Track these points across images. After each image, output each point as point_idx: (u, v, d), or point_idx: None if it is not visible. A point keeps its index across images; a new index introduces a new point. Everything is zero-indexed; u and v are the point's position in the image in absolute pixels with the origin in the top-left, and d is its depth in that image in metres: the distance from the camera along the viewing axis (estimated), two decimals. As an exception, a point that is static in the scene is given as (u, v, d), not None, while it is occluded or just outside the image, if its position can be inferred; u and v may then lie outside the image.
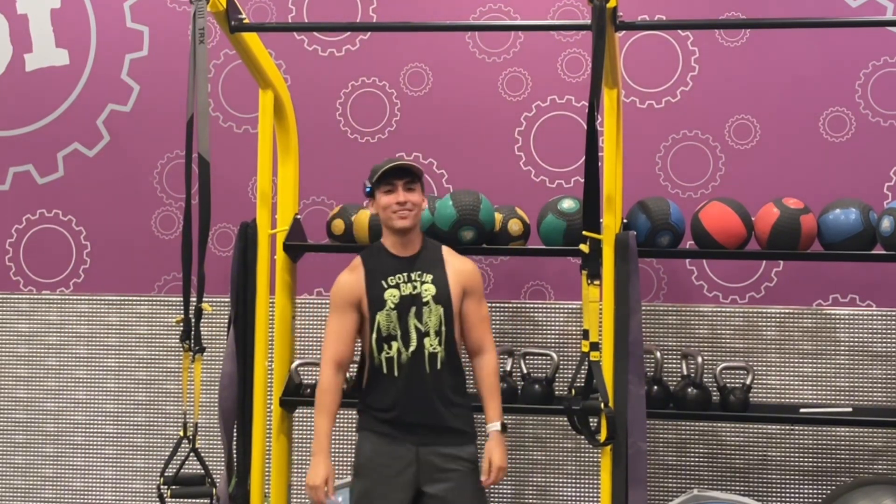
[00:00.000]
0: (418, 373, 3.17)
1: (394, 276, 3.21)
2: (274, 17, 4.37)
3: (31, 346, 4.46)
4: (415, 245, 3.24)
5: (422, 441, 3.16)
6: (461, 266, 3.25)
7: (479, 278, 3.28)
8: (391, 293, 3.19)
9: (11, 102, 4.53)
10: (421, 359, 3.16)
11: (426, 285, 3.19)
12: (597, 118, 2.98)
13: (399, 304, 3.18)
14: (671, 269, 4.12)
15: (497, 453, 3.17)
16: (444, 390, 3.17)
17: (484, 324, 3.26)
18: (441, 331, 3.18)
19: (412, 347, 3.16)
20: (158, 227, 4.43)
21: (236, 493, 3.51)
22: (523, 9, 4.22)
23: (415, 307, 3.18)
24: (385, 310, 3.18)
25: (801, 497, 4.00)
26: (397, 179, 3.19)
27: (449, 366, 3.19)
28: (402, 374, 3.17)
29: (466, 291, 3.22)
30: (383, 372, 3.18)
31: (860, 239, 3.45)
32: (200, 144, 3.29)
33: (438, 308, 3.18)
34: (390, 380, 3.18)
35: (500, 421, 3.20)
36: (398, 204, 3.18)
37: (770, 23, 4.03)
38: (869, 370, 3.97)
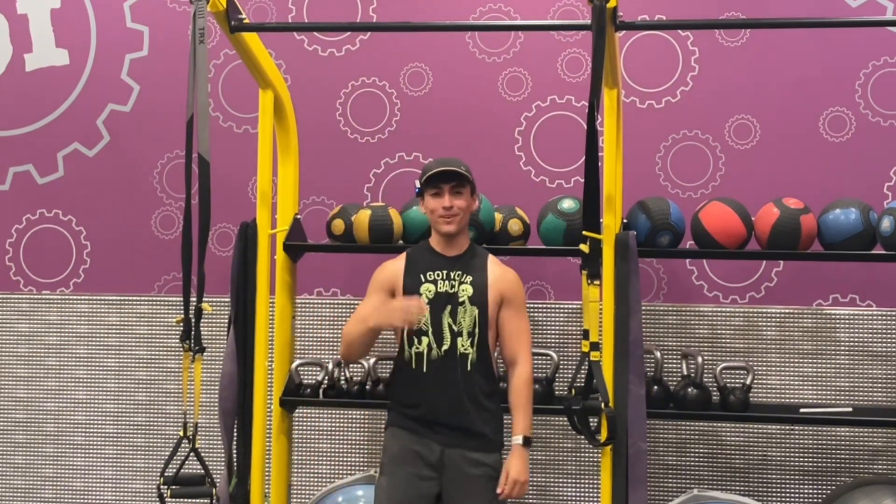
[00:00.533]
0: (449, 372, 3.14)
1: (433, 272, 3.20)
2: (274, 17, 4.37)
3: (31, 346, 4.46)
4: (461, 247, 3.24)
5: (448, 442, 3.14)
6: (503, 274, 3.22)
7: (520, 289, 3.24)
8: (427, 287, 3.18)
9: (11, 102, 4.53)
10: (453, 358, 3.15)
11: (464, 286, 3.18)
12: (597, 118, 2.98)
13: (433, 300, 3.17)
14: (671, 269, 4.12)
15: (515, 466, 3.11)
16: (475, 393, 3.15)
17: (521, 335, 3.20)
18: (474, 332, 3.15)
19: (445, 346, 3.14)
20: (158, 227, 4.43)
21: (236, 493, 3.51)
22: (523, 9, 4.22)
23: (450, 305, 3.16)
24: None
25: (801, 497, 4.00)
26: (444, 183, 3.17)
27: (481, 369, 3.16)
28: (432, 371, 3.15)
29: (505, 299, 3.19)
30: (412, 367, 3.17)
31: (860, 239, 3.46)
32: (200, 144, 3.29)
33: (474, 309, 3.16)
34: (418, 376, 3.16)
35: (523, 434, 3.13)
36: (444, 209, 3.17)
37: (770, 23, 4.03)
38: (869, 370, 3.97)
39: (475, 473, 3.11)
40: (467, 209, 3.20)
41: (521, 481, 3.10)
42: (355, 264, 4.22)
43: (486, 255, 3.28)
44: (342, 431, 4.26)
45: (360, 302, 4.20)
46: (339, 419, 4.27)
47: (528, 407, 3.17)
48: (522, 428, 3.14)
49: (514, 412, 3.16)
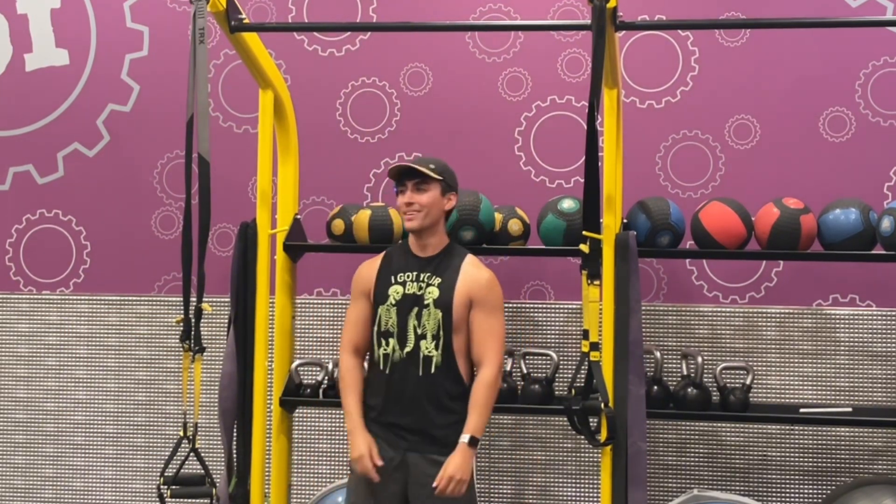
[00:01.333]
0: (410, 374, 3.15)
1: (404, 273, 3.22)
2: (274, 17, 4.37)
3: (31, 346, 4.46)
4: (435, 247, 3.24)
5: (410, 446, 3.15)
6: (475, 275, 3.19)
7: (492, 291, 3.18)
8: (395, 289, 3.20)
9: (11, 102, 4.53)
10: (415, 360, 3.15)
11: (431, 288, 3.17)
12: (597, 118, 2.98)
13: (400, 302, 3.18)
14: (671, 269, 4.12)
15: (454, 463, 3.07)
16: (438, 395, 3.14)
17: (489, 337, 3.15)
18: (439, 335, 3.14)
19: (408, 348, 3.15)
20: (158, 227, 4.43)
21: (236, 493, 3.51)
22: (523, 9, 4.22)
23: (416, 308, 3.16)
24: (386, 305, 3.19)
25: (801, 497, 4.00)
26: (407, 180, 3.20)
27: (445, 372, 3.14)
28: (394, 373, 3.16)
29: (474, 301, 3.16)
30: (379, 368, 3.20)
31: (860, 239, 3.46)
32: (200, 144, 3.29)
33: (437, 312, 3.15)
34: (382, 377, 3.18)
35: (470, 434, 3.09)
36: (406, 205, 3.19)
37: (770, 23, 4.03)
38: (869, 370, 3.97)
39: (435, 474, 3.09)
40: (432, 206, 3.18)
41: (456, 479, 3.06)
42: (355, 264, 4.17)
43: (463, 255, 3.25)
44: (342, 431, 4.26)
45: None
46: (339, 419, 4.27)
47: (484, 409, 3.12)
48: (472, 428, 3.11)
49: (469, 412, 3.13)
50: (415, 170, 3.18)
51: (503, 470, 4.17)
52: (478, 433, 3.11)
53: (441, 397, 3.14)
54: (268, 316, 3.56)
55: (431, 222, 3.20)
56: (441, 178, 3.19)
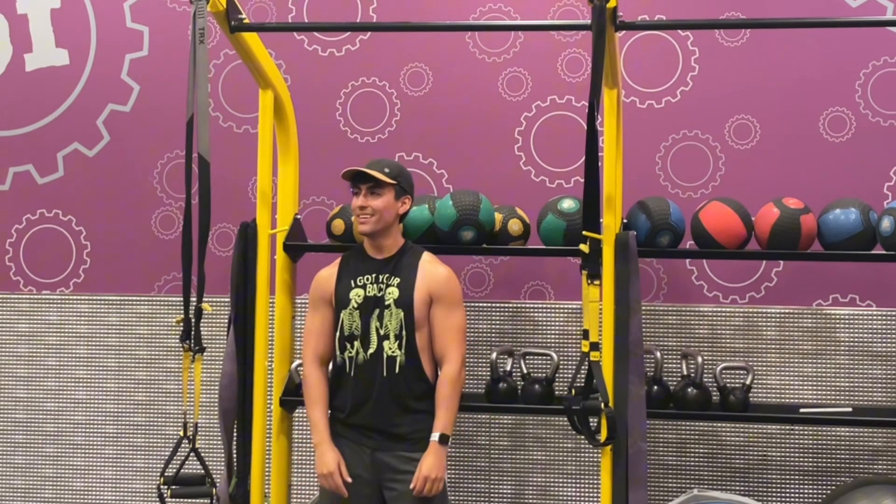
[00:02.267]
0: (374, 375, 3.18)
1: (363, 276, 3.24)
2: (274, 17, 4.37)
3: (31, 346, 4.46)
4: (391, 249, 3.27)
5: (377, 446, 3.20)
6: (433, 272, 3.23)
7: (451, 286, 3.23)
8: (356, 293, 3.23)
9: (11, 102, 4.53)
10: (379, 361, 3.18)
11: (391, 288, 3.20)
12: (597, 118, 2.98)
13: (362, 305, 3.21)
14: (671, 269, 4.12)
15: (427, 462, 3.12)
16: (402, 395, 3.18)
17: (449, 333, 3.20)
18: (401, 335, 3.18)
19: (371, 349, 3.19)
20: (158, 227, 4.43)
21: (236, 493, 3.51)
22: (523, 9, 4.22)
23: (378, 309, 3.20)
24: (348, 309, 3.22)
25: (801, 497, 4.00)
26: (361, 183, 3.22)
27: (410, 371, 3.18)
28: (359, 376, 3.20)
29: (434, 298, 3.20)
30: (344, 371, 3.22)
31: (860, 239, 3.45)
32: (200, 144, 3.29)
33: (399, 312, 3.18)
34: (347, 380, 3.22)
35: (440, 432, 3.14)
36: (359, 209, 3.21)
37: (770, 23, 4.03)
38: (869, 370, 3.97)
39: (408, 470, 3.15)
40: (385, 210, 3.21)
41: (432, 478, 3.11)
42: (355, 264, 4.22)
43: (420, 254, 3.29)
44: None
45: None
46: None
47: (451, 405, 3.17)
48: (441, 426, 3.15)
49: (436, 409, 3.17)
50: (368, 174, 3.20)
51: (503, 470, 4.17)
52: (447, 430, 3.16)
53: (406, 397, 3.18)
54: (268, 316, 3.56)
55: (384, 226, 3.23)
56: (394, 183, 3.22)
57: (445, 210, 3.60)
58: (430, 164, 4.25)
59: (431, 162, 4.25)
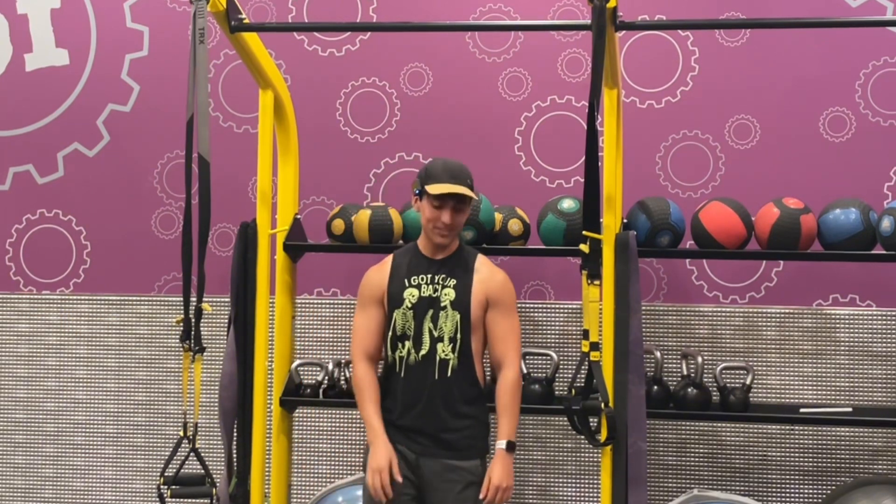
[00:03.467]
0: (425, 378, 3.10)
1: (417, 276, 3.16)
2: (274, 17, 4.37)
3: (31, 346, 4.46)
4: (449, 249, 3.18)
5: (423, 451, 3.11)
6: (490, 275, 3.15)
7: (508, 290, 3.15)
8: (410, 292, 3.14)
9: (11, 102, 4.53)
10: (431, 364, 3.10)
11: (447, 289, 3.12)
12: (597, 118, 2.98)
13: (416, 305, 3.12)
14: (671, 269, 4.12)
15: (497, 471, 3.04)
16: (453, 399, 3.10)
17: (508, 338, 3.12)
18: (456, 338, 3.10)
19: (423, 351, 3.10)
20: (158, 227, 4.43)
21: (236, 493, 3.51)
22: (523, 9, 4.22)
23: (432, 310, 3.11)
24: (402, 308, 3.13)
25: (801, 497, 4.00)
26: (451, 199, 3.10)
27: (462, 375, 3.10)
28: (410, 377, 3.11)
29: (490, 302, 3.12)
30: (395, 371, 3.14)
31: (860, 239, 3.46)
32: (200, 144, 3.29)
33: (455, 314, 3.10)
34: (398, 380, 3.13)
35: (507, 439, 3.06)
36: (441, 223, 3.10)
37: (770, 23, 4.03)
38: (869, 370, 3.97)
39: (452, 479, 3.08)
40: (462, 225, 3.17)
41: (503, 487, 3.03)
42: (355, 264, 4.22)
43: (474, 255, 3.21)
44: (342, 431, 4.27)
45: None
46: (339, 419, 4.27)
47: (514, 411, 3.10)
48: (506, 433, 3.08)
49: (499, 416, 3.10)
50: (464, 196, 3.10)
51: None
52: (513, 437, 3.08)
53: (457, 401, 3.10)
54: (268, 316, 3.56)
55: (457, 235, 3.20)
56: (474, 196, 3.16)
57: (445, 210, 3.59)
58: (430, 164, 4.25)
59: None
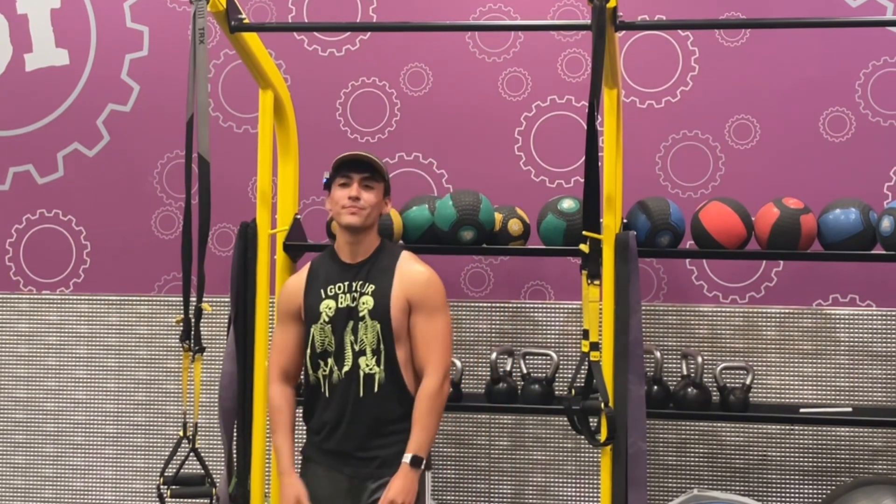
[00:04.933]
0: (352, 396, 2.92)
1: (334, 284, 2.96)
2: (274, 17, 4.37)
3: (31, 346, 4.46)
4: (367, 251, 2.99)
5: (354, 473, 2.95)
6: (412, 276, 2.94)
7: (432, 290, 2.95)
8: (327, 304, 2.95)
9: (11, 102, 4.53)
10: (355, 380, 2.92)
11: (365, 297, 2.92)
12: (597, 118, 2.98)
13: (334, 318, 2.94)
14: (671, 269, 4.12)
15: (395, 486, 2.84)
16: (381, 417, 2.91)
17: (431, 342, 2.91)
18: (379, 349, 2.91)
19: (346, 367, 2.92)
20: (158, 227, 4.43)
21: (236, 493, 3.51)
22: (523, 9, 4.22)
23: (351, 321, 2.93)
24: (319, 323, 2.96)
25: (801, 497, 4.00)
26: (355, 173, 2.97)
27: (390, 389, 2.91)
28: (335, 396, 2.94)
29: (413, 305, 2.92)
30: (319, 391, 2.98)
31: (860, 239, 3.46)
32: (200, 144, 3.29)
33: (375, 324, 2.91)
34: (323, 401, 2.97)
35: (413, 453, 2.86)
36: (350, 199, 2.93)
37: (770, 23, 4.03)
38: (869, 370, 3.97)
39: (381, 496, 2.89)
40: (377, 206, 2.98)
41: (398, 503, 2.83)
42: (355, 264, 4.22)
43: (397, 254, 3.00)
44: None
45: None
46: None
47: (427, 423, 2.88)
48: (414, 446, 2.87)
49: (412, 427, 2.90)
50: (367, 164, 2.96)
51: (503, 470, 4.17)
52: (422, 451, 2.88)
53: (386, 418, 2.92)
54: (268, 316, 3.56)
55: (372, 223, 3.00)
56: (385, 180, 3.05)
57: (445, 210, 3.60)
58: (430, 164, 4.25)
59: (431, 162, 4.25)
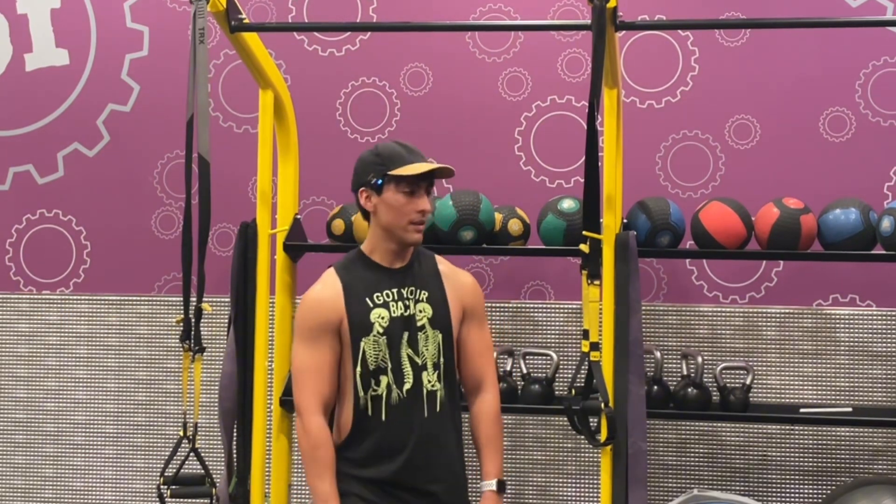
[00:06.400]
0: (416, 417, 2.56)
1: (381, 291, 2.59)
2: (274, 17, 4.37)
3: (31, 346, 4.46)
4: (408, 254, 2.66)
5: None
6: (461, 281, 2.69)
7: (480, 297, 2.73)
8: (378, 314, 2.57)
9: (11, 102, 4.53)
10: (418, 399, 2.56)
11: (420, 304, 2.60)
12: (597, 118, 2.98)
13: (389, 329, 2.57)
14: (671, 269, 4.12)
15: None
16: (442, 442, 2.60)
17: (486, 354, 2.70)
18: (439, 363, 2.60)
19: (407, 385, 2.56)
20: (158, 227, 4.43)
21: (236, 493, 3.51)
22: (523, 9, 4.22)
23: (407, 332, 2.58)
24: (372, 335, 2.57)
25: (801, 497, 4.00)
26: (425, 183, 2.61)
27: (450, 408, 2.62)
28: (394, 419, 2.55)
29: (466, 312, 2.68)
30: (368, 415, 2.55)
31: (860, 239, 3.46)
32: (200, 144, 3.29)
33: (437, 334, 2.60)
34: (376, 426, 2.55)
35: (498, 478, 2.63)
36: (419, 213, 2.58)
37: (770, 23, 4.02)
38: (869, 370, 3.97)
39: None
40: None
41: None
42: (355, 264, 4.22)
43: (433, 257, 2.73)
44: (342, 431, 4.26)
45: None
46: (339, 419, 4.26)
47: (500, 443, 2.67)
48: (496, 470, 2.64)
49: (485, 450, 2.65)
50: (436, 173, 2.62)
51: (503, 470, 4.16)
52: (502, 474, 2.66)
53: (445, 443, 2.60)
54: (268, 316, 3.56)
55: None
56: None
57: (445, 210, 3.60)
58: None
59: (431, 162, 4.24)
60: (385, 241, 2.63)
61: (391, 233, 2.60)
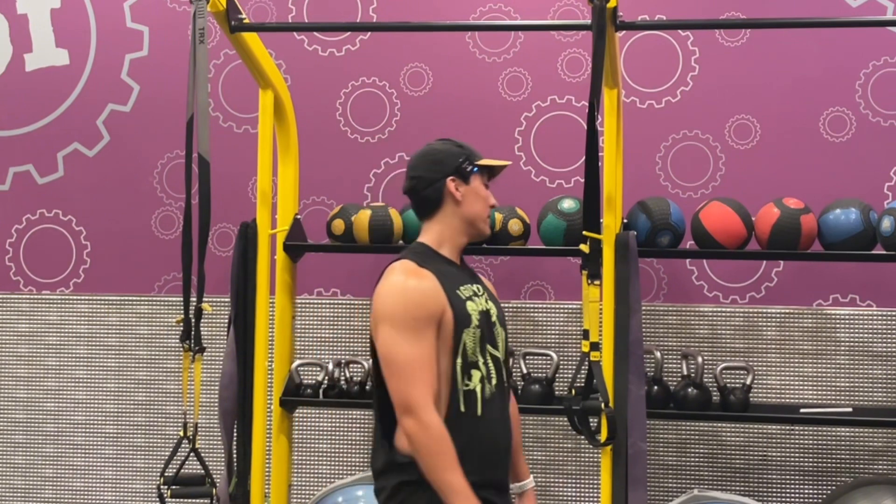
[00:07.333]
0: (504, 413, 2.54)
1: (463, 286, 2.52)
2: (274, 17, 4.37)
3: (31, 346, 4.46)
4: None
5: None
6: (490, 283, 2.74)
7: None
8: (472, 306, 2.49)
9: (11, 102, 4.53)
10: (503, 395, 2.54)
11: (489, 302, 2.57)
12: (597, 118, 2.98)
13: (481, 321, 2.50)
14: (671, 269, 4.12)
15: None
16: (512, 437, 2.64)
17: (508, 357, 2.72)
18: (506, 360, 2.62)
19: (494, 379, 2.50)
20: (158, 227, 4.43)
21: (236, 493, 3.51)
22: (523, 9, 4.22)
23: (489, 328, 2.54)
24: (472, 327, 2.48)
25: (801, 497, 4.00)
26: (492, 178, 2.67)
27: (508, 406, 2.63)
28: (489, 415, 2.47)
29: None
30: (463, 412, 2.44)
31: (860, 239, 3.46)
32: (200, 144, 3.29)
33: (502, 331, 2.59)
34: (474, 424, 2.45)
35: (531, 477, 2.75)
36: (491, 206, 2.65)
37: (770, 23, 4.03)
38: (869, 370, 3.97)
39: None
40: None
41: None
42: (355, 264, 4.22)
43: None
44: (342, 431, 4.26)
45: (361, 304, 4.22)
46: (339, 419, 4.26)
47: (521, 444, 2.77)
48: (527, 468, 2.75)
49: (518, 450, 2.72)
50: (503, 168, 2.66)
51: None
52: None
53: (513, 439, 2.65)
54: (268, 316, 3.56)
55: None
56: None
57: (445, 210, 3.59)
58: (430, 164, 4.25)
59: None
60: (460, 234, 2.58)
61: (472, 224, 2.57)
